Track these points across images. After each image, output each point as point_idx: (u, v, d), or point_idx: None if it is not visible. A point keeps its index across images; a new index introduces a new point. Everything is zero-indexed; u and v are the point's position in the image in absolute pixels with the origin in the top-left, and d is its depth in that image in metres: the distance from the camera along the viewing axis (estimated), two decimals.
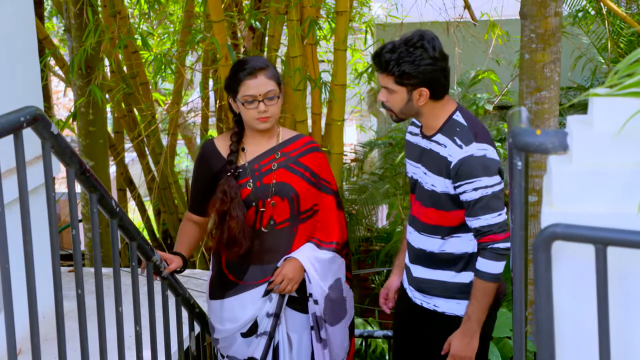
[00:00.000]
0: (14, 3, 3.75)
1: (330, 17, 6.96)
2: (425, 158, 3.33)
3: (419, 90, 3.20)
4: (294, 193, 3.58)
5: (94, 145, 6.72)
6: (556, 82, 4.49)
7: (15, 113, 2.34)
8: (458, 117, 3.28)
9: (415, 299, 3.48)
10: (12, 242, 2.38)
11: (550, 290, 1.73)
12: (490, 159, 3.21)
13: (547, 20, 4.32)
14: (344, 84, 6.03)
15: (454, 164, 3.20)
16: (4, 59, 3.63)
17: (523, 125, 1.94)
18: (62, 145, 2.63)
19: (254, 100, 3.48)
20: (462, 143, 3.21)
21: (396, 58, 3.17)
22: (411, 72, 3.17)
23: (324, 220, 3.67)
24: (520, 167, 1.86)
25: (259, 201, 3.56)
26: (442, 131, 3.28)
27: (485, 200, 3.19)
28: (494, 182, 3.21)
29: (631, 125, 1.69)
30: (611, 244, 1.65)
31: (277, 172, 3.59)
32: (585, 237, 1.67)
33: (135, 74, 6.75)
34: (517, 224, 1.91)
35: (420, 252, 3.43)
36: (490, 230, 3.21)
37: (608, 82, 1.73)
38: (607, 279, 1.67)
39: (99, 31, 5.62)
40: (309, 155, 3.66)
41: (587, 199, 1.75)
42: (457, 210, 3.29)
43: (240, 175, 3.58)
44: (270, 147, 3.62)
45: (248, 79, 3.48)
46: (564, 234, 1.68)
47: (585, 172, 1.75)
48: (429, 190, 3.32)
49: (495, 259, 3.21)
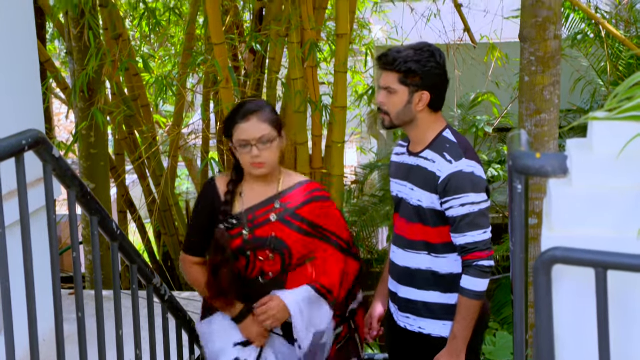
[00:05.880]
0: (17, 27, 3.77)
1: (330, 40, 6.99)
2: (413, 174, 3.35)
3: (421, 93, 3.23)
4: (286, 248, 3.43)
5: (95, 168, 6.73)
6: (556, 104, 4.50)
7: (17, 136, 2.35)
8: (448, 134, 3.31)
9: (400, 321, 3.47)
10: (13, 264, 2.38)
11: (550, 313, 1.73)
12: (478, 176, 3.23)
13: (546, 44, 4.34)
14: (345, 106, 6.04)
15: (442, 179, 3.22)
16: (6, 82, 3.64)
17: (523, 148, 1.94)
18: (64, 168, 2.64)
19: (247, 145, 3.36)
20: (452, 159, 3.23)
21: (404, 56, 3.22)
22: (417, 71, 3.21)
23: (323, 265, 3.50)
24: (520, 190, 1.86)
25: (251, 252, 3.43)
26: (431, 147, 3.30)
27: (472, 217, 3.20)
28: (481, 199, 3.22)
29: (631, 149, 1.69)
30: (611, 267, 1.65)
31: (271, 224, 3.44)
32: (585, 261, 1.66)
33: (136, 96, 6.77)
34: (518, 246, 1.91)
35: (405, 270, 3.41)
36: (476, 247, 3.21)
37: (607, 105, 1.74)
38: (607, 303, 1.67)
39: (100, 54, 5.64)
40: (307, 206, 3.49)
41: (587, 223, 1.75)
42: (442, 227, 3.28)
43: (235, 224, 3.44)
44: (268, 197, 3.48)
45: (241, 122, 3.38)
46: (564, 257, 1.68)
47: (585, 195, 1.75)
48: (415, 206, 3.32)
49: (480, 277, 3.21)
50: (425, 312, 3.39)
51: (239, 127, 3.37)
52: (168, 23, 7.18)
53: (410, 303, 3.42)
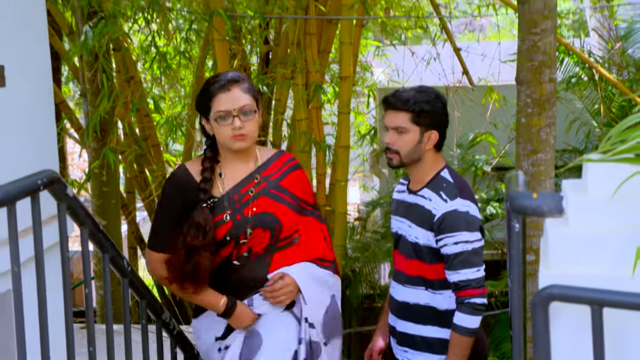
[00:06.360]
0: (35, 71, 3.80)
1: (334, 82, 7.02)
2: (411, 212, 3.36)
3: (430, 132, 3.27)
4: (277, 224, 3.15)
5: (107, 205, 6.73)
6: (551, 144, 4.50)
7: (32, 177, 2.36)
8: (445, 174, 3.33)
9: (398, 355, 3.45)
10: (27, 298, 2.38)
11: (548, 348, 1.72)
12: (472, 215, 3.24)
13: (542, 86, 4.35)
14: (348, 145, 6.06)
15: (437, 217, 3.23)
16: (23, 123, 3.67)
17: (520, 188, 1.95)
18: (77, 206, 2.65)
19: (228, 116, 3.05)
20: (447, 197, 3.25)
21: (414, 97, 3.25)
22: (429, 111, 3.25)
23: (312, 241, 3.27)
24: (518, 229, 1.87)
25: (240, 235, 3.11)
26: (429, 186, 3.32)
27: (465, 255, 3.20)
28: (475, 238, 3.23)
29: (624, 190, 1.70)
30: (606, 305, 1.65)
31: (257, 201, 3.15)
32: (581, 299, 1.67)
33: (147, 136, 6.79)
34: (516, 283, 1.91)
35: (404, 305, 3.41)
36: (469, 284, 3.21)
37: (601, 147, 1.75)
38: (603, 339, 1.67)
39: (113, 96, 5.67)
40: (289, 176, 3.24)
41: (583, 261, 1.75)
42: (437, 264, 3.29)
43: (217, 208, 3.10)
44: (249, 173, 3.18)
45: (221, 92, 3.07)
46: (561, 295, 1.68)
47: (581, 235, 1.76)
48: (412, 242, 3.33)
49: (472, 314, 3.20)
50: (423, 346, 3.38)
51: (218, 98, 3.07)
52: (178, 66, 7.22)
53: (409, 337, 3.41)
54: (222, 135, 3.09)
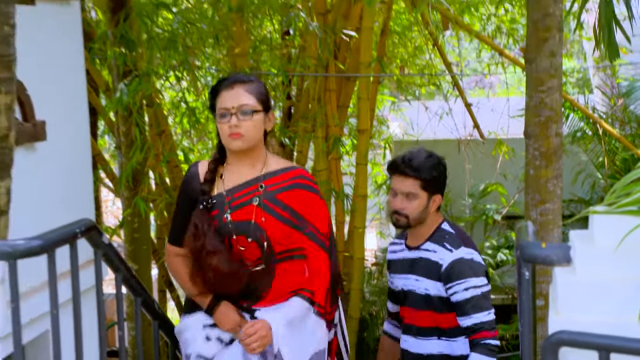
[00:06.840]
0: (73, 125, 3.86)
1: (352, 135, 7.06)
2: (416, 266, 3.35)
3: (435, 196, 3.28)
4: (263, 235, 2.93)
5: (138, 251, 6.74)
6: (559, 195, 4.49)
7: (71, 225, 2.39)
8: (445, 226, 3.35)
9: None
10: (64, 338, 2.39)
11: None
12: (477, 262, 3.26)
13: (549, 140, 4.35)
14: (365, 194, 6.07)
15: (445, 267, 3.24)
16: (63, 174, 3.71)
17: (530, 238, 1.95)
18: (112, 253, 2.67)
19: (226, 114, 2.90)
20: (452, 247, 3.26)
21: (424, 163, 3.26)
22: (437, 177, 3.26)
23: (312, 269, 3.01)
24: (527, 276, 1.87)
25: (227, 237, 2.94)
26: (431, 239, 3.33)
27: (476, 300, 3.20)
28: (482, 282, 3.24)
29: (629, 241, 1.70)
30: (613, 350, 1.64)
31: (247, 207, 2.96)
32: (589, 344, 1.66)
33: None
34: (526, 327, 1.90)
35: (418, 356, 3.39)
36: (482, 327, 3.20)
37: (607, 200, 1.75)
38: None
39: (145, 148, 5.73)
40: (291, 191, 3.00)
41: (590, 308, 1.74)
42: (448, 313, 3.28)
43: (215, 206, 2.97)
44: (249, 179, 3.00)
45: (224, 90, 2.94)
46: (570, 340, 1.67)
47: (588, 283, 1.76)
48: (422, 294, 3.32)
49: (488, 355, 3.19)
50: None
51: (222, 95, 2.94)
52: (206, 120, 7.28)
53: None
54: (221, 133, 2.97)
